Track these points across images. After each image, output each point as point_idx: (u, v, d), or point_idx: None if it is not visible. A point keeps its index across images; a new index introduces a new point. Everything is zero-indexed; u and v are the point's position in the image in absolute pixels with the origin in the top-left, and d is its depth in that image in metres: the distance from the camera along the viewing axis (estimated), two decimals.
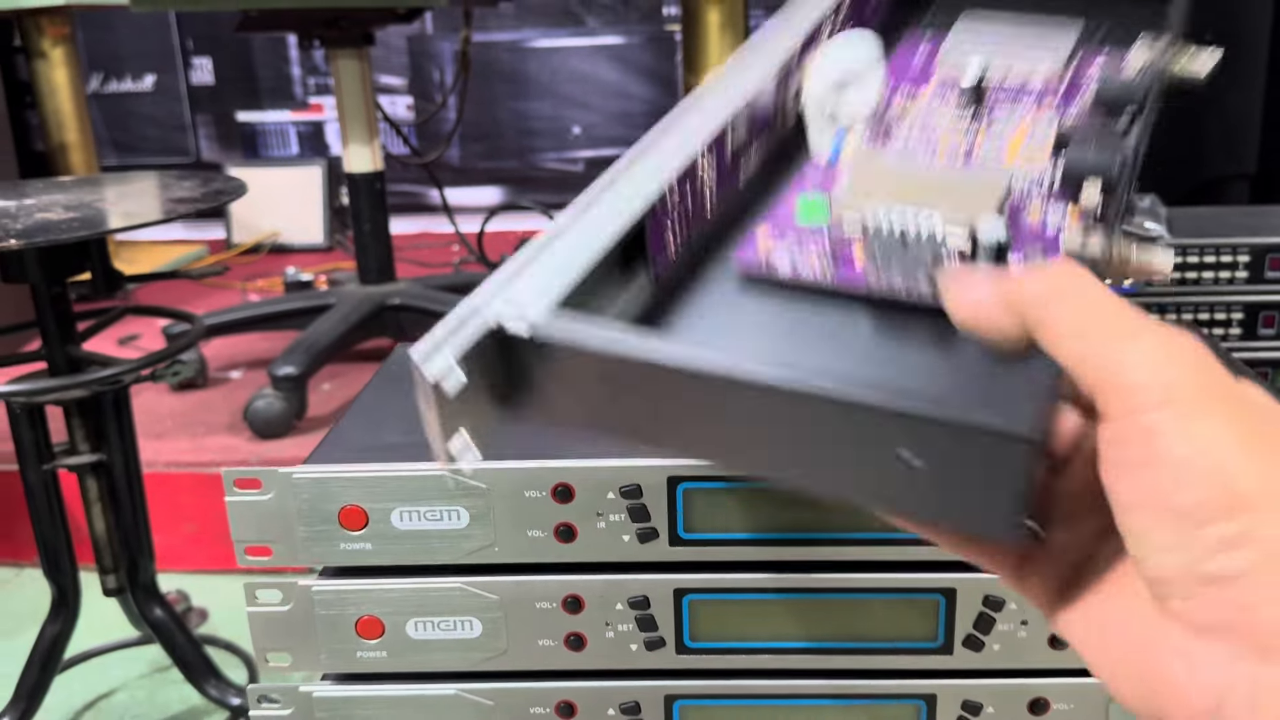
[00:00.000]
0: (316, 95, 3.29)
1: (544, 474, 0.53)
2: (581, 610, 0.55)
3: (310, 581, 0.55)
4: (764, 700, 0.56)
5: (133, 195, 1.05)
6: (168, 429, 1.69)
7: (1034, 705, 0.55)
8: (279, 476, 0.53)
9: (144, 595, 1.09)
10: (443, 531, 0.54)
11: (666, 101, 3.13)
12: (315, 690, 0.57)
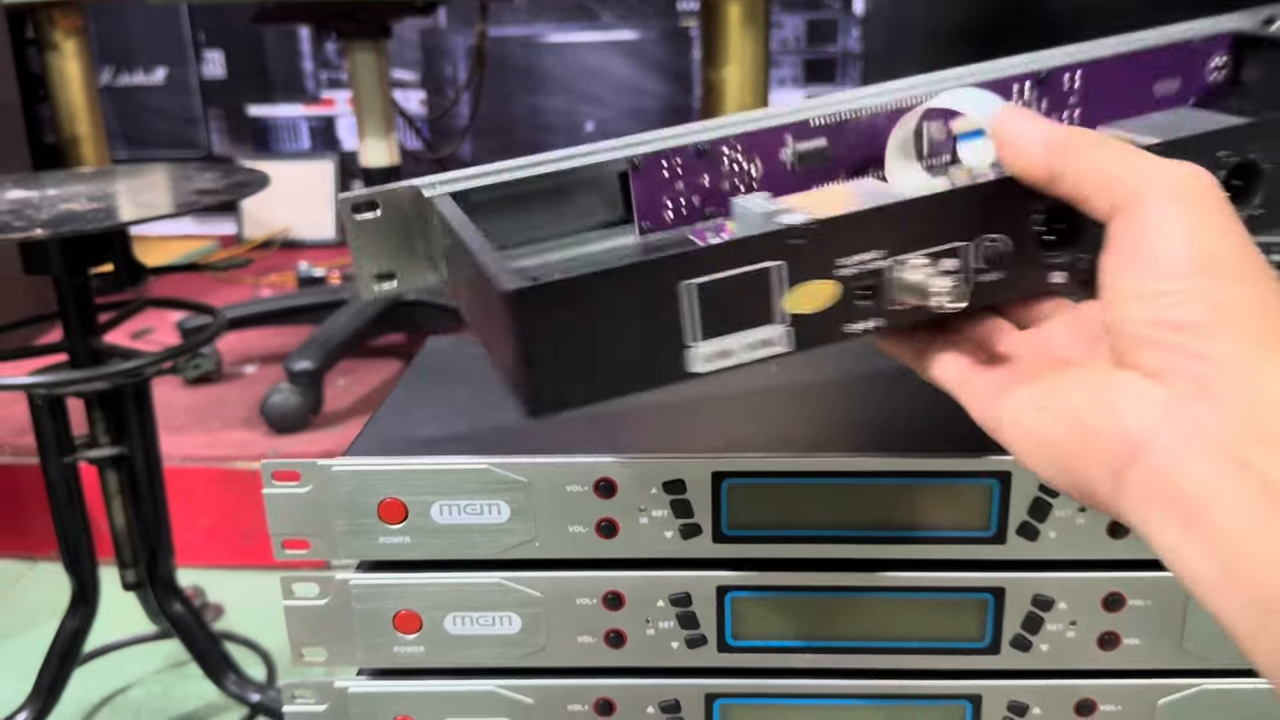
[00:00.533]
0: (328, 89, 3.29)
1: (586, 468, 0.52)
2: (622, 607, 0.54)
3: (348, 575, 0.54)
4: (806, 700, 0.55)
5: (154, 186, 1.04)
6: (183, 423, 1.69)
7: (1080, 706, 0.54)
8: (318, 469, 0.52)
9: (163, 590, 1.09)
10: (483, 526, 0.53)
11: (681, 98, 3.12)
12: (351, 685, 0.56)
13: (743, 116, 0.52)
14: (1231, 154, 0.44)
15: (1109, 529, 0.51)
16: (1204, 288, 0.32)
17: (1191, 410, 0.31)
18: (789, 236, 0.40)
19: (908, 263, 0.41)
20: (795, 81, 3.12)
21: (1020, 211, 0.42)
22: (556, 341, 0.39)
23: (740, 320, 0.41)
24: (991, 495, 0.51)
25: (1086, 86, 0.58)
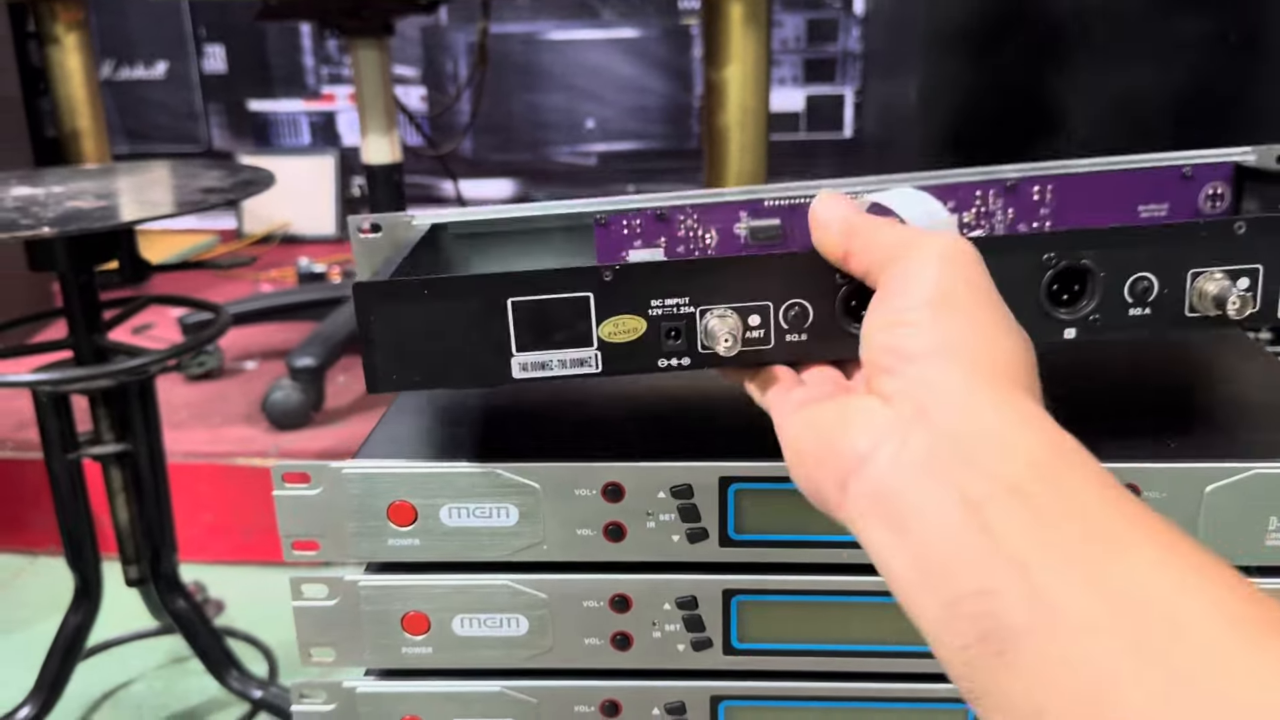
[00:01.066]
0: (329, 85, 3.29)
1: (594, 473, 0.52)
2: (629, 609, 0.55)
3: (357, 576, 0.55)
4: (811, 702, 0.56)
5: (160, 184, 1.04)
6: (184, 420, 1.69)
7: None
8: (329, 472, 0.53)
9: (166, 586, 1.09)
10: (492, 529, 0.53)
11: (682, 96, 3.12)
12: (359, 685, 0.56)
13: (703, 192, 0.61)
14: (1058, 257, 0.46)
15: None
16: (933, 320, 0.36)
17: (909, 431, 0.35)
18: (601, 273, 0.46)
19: (712, 313, 0.46)
20: (795, 81, 3.12)
21: (830, 284, 0.46)
22: (393, 330, 0.47)
23: (557, 339, 0.47)
24: None
25: (1061, 199, 0.60)
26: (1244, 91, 2.11)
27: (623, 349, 0.47)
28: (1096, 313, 0.48)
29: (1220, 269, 0.47)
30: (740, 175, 1.95)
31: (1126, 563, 0.30)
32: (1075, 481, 0.33)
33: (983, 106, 2.15)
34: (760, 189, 0.61)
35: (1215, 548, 0.51)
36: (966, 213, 0.62)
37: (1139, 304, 0.48)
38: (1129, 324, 0.48)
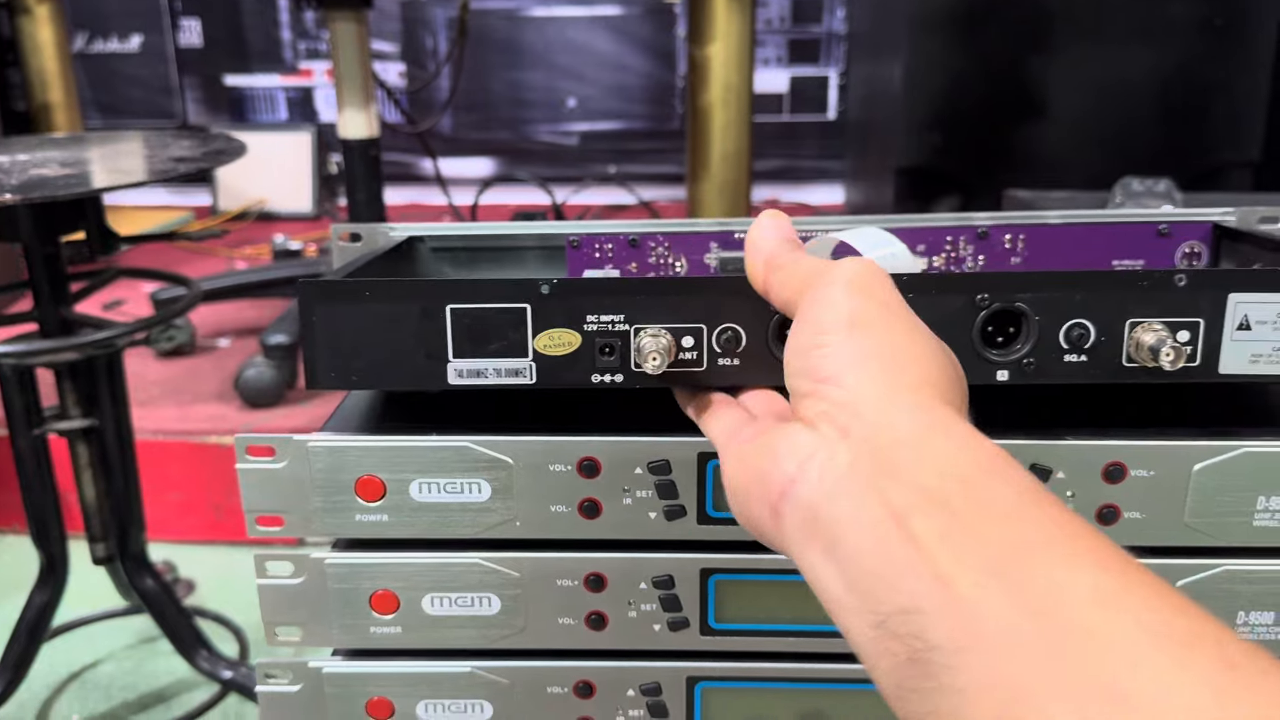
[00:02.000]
0: (307, 60, 3.24)
1: (569, 447, 0.51)
2: (604, 589, 0.53)
3: (323, 554, 0.53)
4: (789, 684, 0.55)
5: (129, 154, 1.02)
6: (154, 396, 1.67)
7: None
8: (293, 444, 0.51)
9: (134, 565, 1.07)
10: (463, 504, 0.52)
11: (665, 75, 3.09)
12: (325, 666, 0.55)
13: (676, 221, 0.63)
14: (991, 298, 0.46)
15: (1098, 515, 0.51)
16: (846, 340, 0.37)
17: (833, 448, 0.35)
18: (539, 286, 0.47)
19: (646, 331, 0.47)
20: (780, 62, 3.10)
21: (763, 309, 0.46)
22: (334, 329, 0.48)
23: (493, 348, 0.48)
24: None
25: (1033, 249, 0.60)
26: (1229, 76, 2.11)
27: (557, 362, 0.48)
28: (1030, 356, 0.48)
29: (1159, 320, 0.47)
30: (724, 155, 1.93)
31: (1048, 574, 0.30)
32: (998, 490, 0.32)
33: (967, 90, 2.14)
34: (732, 222, 0.62)
35: (1203, 527, 0.51)
36: (936, 257, 0.62)
37: (1074, 350, 0.48)
38: (1064, 370, 0.48)
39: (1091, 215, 0.62)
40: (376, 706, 0.55)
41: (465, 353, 0.48)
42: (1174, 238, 0.62)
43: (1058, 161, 2.13)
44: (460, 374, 0.48)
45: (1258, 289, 0.47)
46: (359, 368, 0.49)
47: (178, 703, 1.16)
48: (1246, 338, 0.48)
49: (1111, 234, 0.62)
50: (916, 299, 0.46)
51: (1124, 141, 2.12)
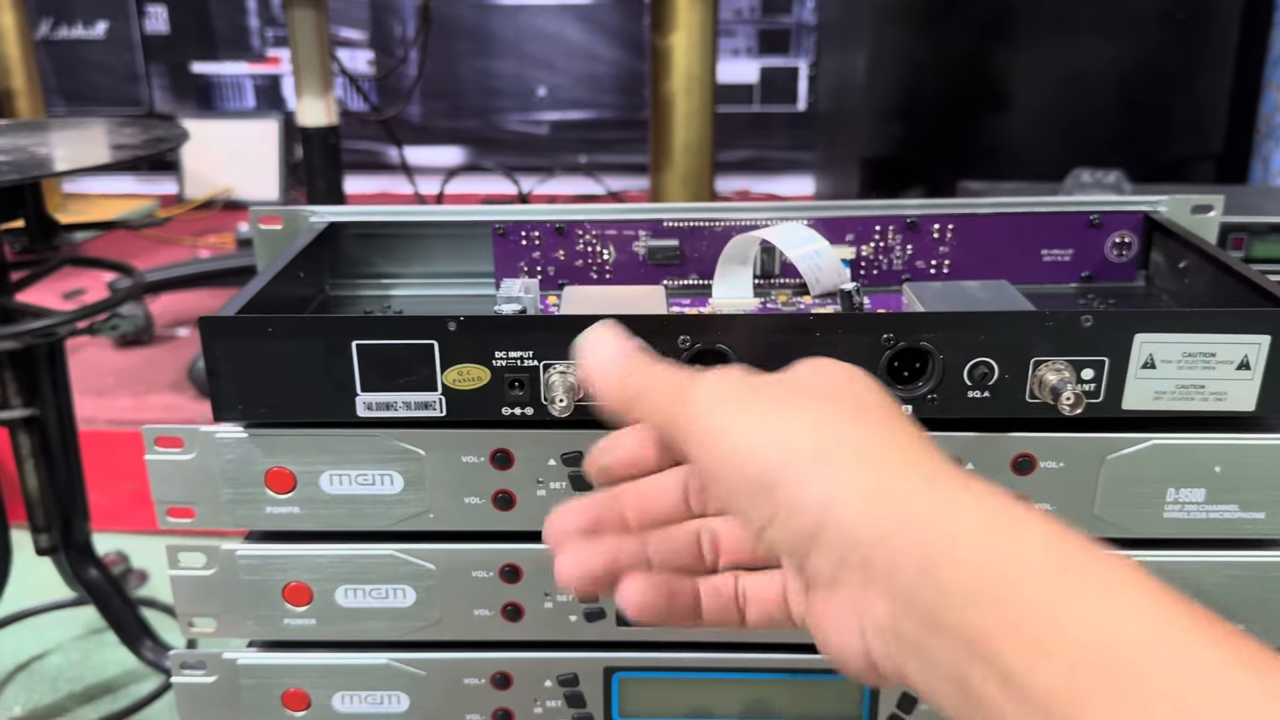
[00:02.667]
0: (274, 47, 3.22)
1: (482, 439, 0.51)
2: (519, 580, 0.53)
3: (235, 545, 0.53)
4: (706, 673, 0.55)
5: (71, 141, 1.01)
6: (110, 386, 1.65)
7: None
8: (201, 435, 0.51)
9: (77, 555, 1.06)
10: (375, 496, 0.51)
11: (635, 65, 3.08)
12: (240, 657, 0.55)
13: (603, 207, 0.62)
14: (896, 338, 0.47)
15: None
16: (793, 483, 0.32)
17: (870, 607, 0.31)
18: (446, 323, 0.47)
19: (555, 368, 0.47)
20: (750, 52, 3.09)
21: (674, 346, 0.47)
22: (238, 364, 0.48)
23: (401, 382, 0.48)
24: None
25: (962, 239, 0.60)
26: (1191, 69, 2.12)
27: (467, 396, 0.48)
28: (934, 393, 0.48)
29: (1064, 359, 0.48)
30: (687, 144, 1.93)
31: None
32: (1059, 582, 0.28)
33: (931, 81, 2.14)
34: (661, 208, 0.62)
35: (1114, 518, 0.51)
36: (865, 246, 0.62)
37: (978, 387, 0.48)
38: (967, 405, 0.48)
39: (1022, 204, 0.62)
40: (292, 698, 0.55)
41: (374, 386, 0.49)
42: (1105, 228, 0.62)
43: (1020, 153, 2.14)
44: (369, 407, 0.49)
45: (1163, 329, 0.47)
46: (266, 401, 0.49)
47: (125, 694, 1.15)
48: (1151, 376, 0.48)
49: (1042, 224, 0.62)
50: (824, 338, 0.47)
51: (1086, 134, 2.13)
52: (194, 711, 0.56)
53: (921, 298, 0.56)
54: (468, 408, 0.49)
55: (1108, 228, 0.62)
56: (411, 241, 0.64)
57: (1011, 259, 0.62)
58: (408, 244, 0.64)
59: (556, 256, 0.62)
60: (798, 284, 0.62)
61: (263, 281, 0.53)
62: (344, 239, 0.63)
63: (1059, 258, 0.62)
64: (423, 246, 0.64)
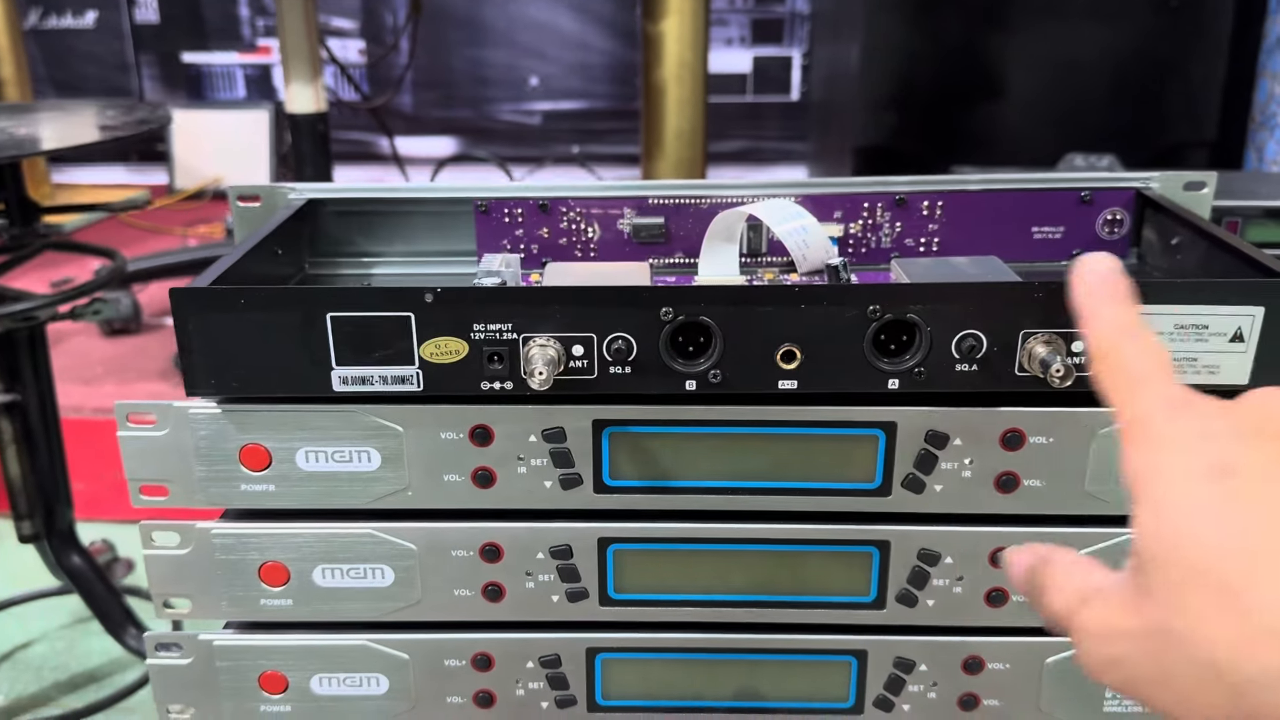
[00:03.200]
0: (265, 37, 3.20)
1: (461, 415, 0.50)
2: (500, 559, 0.52)
3: (210, 524, 0.52)
4: (690, 654, 0.54)
5: (51, 123, 0.99)
6: (98, 374, 1.64)
7: (968, 664, 0.53)
8: (174, 411, 0.50)
9: (60, 543, 1.05)
10: (352, 474, 0.50)
11: (627, 54, 3.07)
12: (216, 638, 0.54)
13: (588, 184, 0.61)
14: (882, 310, 0.46)
15: (996, 483, 0.50)
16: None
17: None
18: (423, 294, 0.46)
19: (534, 340, 0.46)
20: (743, 41, 3.08)
21: (654, 319, 0.46)
22: (210, 337, 0.47)
23: (377, 355, 0.47)
24: (877, 446, 0.50)
25: (951, 216, 0.59)
26: (1185, 56, 2.11)
27: (445, 369, 0.47)
28: (922, 367, 0.47)
29: (1053, 332, 0.47)
30: (679, 133, 1.92)
31: None
32: None
33: (924, 69, 2.13)
34: (646, 185, 0.61)
35: (1105, 494, 0.50)
36: (854, 224, 0.61)
37: (966, 360, 0.47)
38: (955, 379, 0.48)
39: (1012, 181, 0.61)
40: (270, 680, 0.54)
41: (349, 360, 0.48)
42: (1096, 205, 0.61)
43: (1014, 141, 2.13)
44: (345, 381, 0.48)
45: (1155, 300, 0.46)
46: (239, 375, 0.48)
47: (109, 682, 1.14)
48: None
49: (1032, 201, 0.61)
50: (809, 309, 0.46)
51: (1080, 121, 2.12)
52: (169, 694, 0.55)
53: (910, 273, 0.55)
54: (446, 382, 0.48)
55: (1099, 205, 0.61)
56: (393, 219, 0.63)
57: (1002, 237, 0.61)
58: (389, 222, 0.63)
59: (540, 234, 0.61)
60: (785, 261, 0.61)
61: (237, 255, 0.52)
62: (323, 216, 0.62)
63: (1050, 235, 0.62)
64: (405, 224, 0.63)
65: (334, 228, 0.62)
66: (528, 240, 0.61)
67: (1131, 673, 0.31)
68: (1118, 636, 0.31)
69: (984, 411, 0.49)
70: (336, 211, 0.62)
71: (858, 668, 0.54)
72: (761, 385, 0.48)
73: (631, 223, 0.61)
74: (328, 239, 0.63)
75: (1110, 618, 0.32)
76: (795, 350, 0.47)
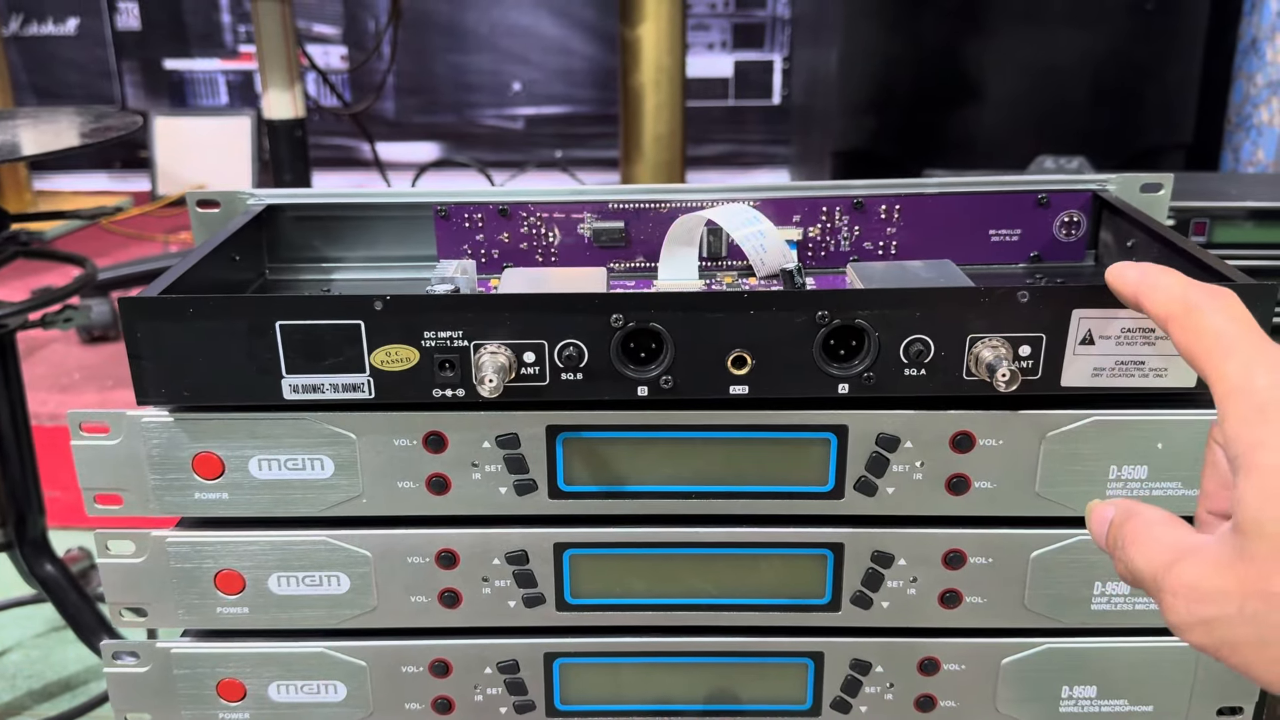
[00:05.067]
0: (247, 44, 3.19)
1: (414, 421, 0.50)
2: (456, 565, 0.52)
3: (165, 532, 0.52)
4: (647, 658, 0.54)
5: (16, 129, 0.99)
6: (75, 382, 1.64)
7: (924, 665, 0.54)
8: (127, 420, 0.50)
9: (32, 551, 1.05)
10: (305, 481, 0.51)
11: (609, 59, 3.07)
12: (174, 646, 0.54)
13: (547, 190, 0.61)
14: (831, 316, 0.47)
15: (947, 485, 0.50)
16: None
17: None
18: (372, 302, 0.46)
19: (485, 348, 0.46)
20: (724, 46, 3.09)
21: (604, 325, 0.47)
22: (159, 346, 0.47)
23: (327, 363, 0.47)
24: (829, 450, 0.50)
25: (909, 220, 0.61)
26: (1160, 60, 2.13)
27: (396, 377, 0.48)
28: (871, 371, 0.48)
29: (1000, 336, 0.47)
30: (656, 137, 1.92)
31: None
32: None
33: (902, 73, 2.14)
34: (606, 189, 0.61)
35: (1055, 496, 0.50)
36: (812, 228, 0.61)
37: (914, 365, 0.48)
38: (903, 384, 0.48)
39: (969, 184, 0.61)
40: (228, 688, 0.54)
41: (299, 368, 0.48)
42: (1053, 207, 0.61)
43: (992, 144, 2.14)
44: (295, 389, 0.48)
45: (1102, 305, 0.47)
46: (190, 384, 0.48)
47: (84, 690, 1.14)
48: (1089, 352, 0.48)
49: (990, 204, 0.61)
50: (759, 315, 0.47)
51: (1057, 125, 2.13)
52: (127, 702, 0.55)
53: (864, 277, 0.55)
54: (397, 389, 0.48)
55: (1056, 207, 0.61)
56: (353, 224, 0.63)
57: (959, 239, 0.62)
58: (349, 227, 0.63)
59: (500, 239, 0.61)
60: (743, 266, 0.61)
61: (189, 263, 0.52)
62: (282, 222, 0.62)
63: (1007, 237, 0.62)
64: (365, 230, 0.63)
65: (293, 233, 0.62)
66: (488, 245, 0.62)
67: (1224, 635, 0.31)
68: (1213, 598, 0.31)
69: (934, 415, 0.49)
70: (296, 217, 0.62)
71: (814, 670, 0.54)
72: (713, 390, 0.48)
73: (592, 227, 0.61)
74: (287, 245, 0.63)
75: (1205, 579, 0.32)
76: (746, 356, 0.48)
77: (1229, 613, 0.31)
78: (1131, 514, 0.36)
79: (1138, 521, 0.36)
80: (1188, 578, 0.33)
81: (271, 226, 0.62)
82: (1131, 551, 0.35)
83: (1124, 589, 0.52)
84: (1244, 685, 0.54)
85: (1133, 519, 0.36)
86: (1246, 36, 2.17)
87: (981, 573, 0.52)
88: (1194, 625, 0.32)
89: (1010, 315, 0.47)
